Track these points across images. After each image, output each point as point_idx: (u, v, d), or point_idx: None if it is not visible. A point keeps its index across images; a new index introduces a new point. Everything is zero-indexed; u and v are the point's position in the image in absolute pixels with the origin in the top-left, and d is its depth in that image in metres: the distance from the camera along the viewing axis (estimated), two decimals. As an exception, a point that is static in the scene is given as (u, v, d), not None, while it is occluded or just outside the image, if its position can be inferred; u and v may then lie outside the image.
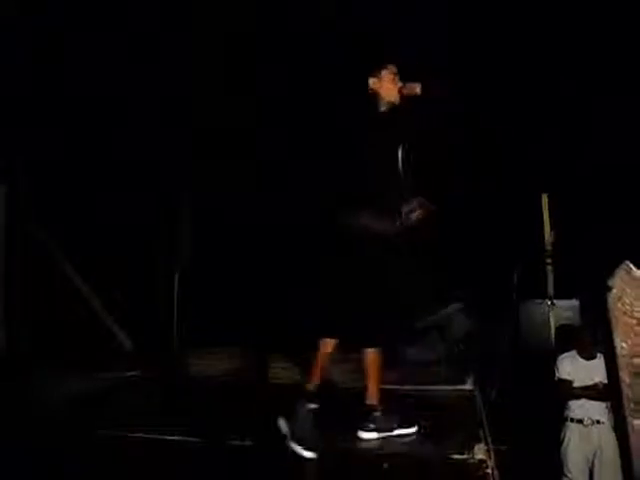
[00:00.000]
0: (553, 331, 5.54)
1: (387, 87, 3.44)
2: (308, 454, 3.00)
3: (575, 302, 5.64)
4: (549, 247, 5.52)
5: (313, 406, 3.12)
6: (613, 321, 1.28)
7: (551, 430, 4.89)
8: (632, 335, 1.26)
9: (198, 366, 4.95)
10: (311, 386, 3.19)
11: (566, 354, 4.90)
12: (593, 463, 4.69)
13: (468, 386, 4.54)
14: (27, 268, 5.35)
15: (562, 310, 5.62)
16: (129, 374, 4.77)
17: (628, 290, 1.29)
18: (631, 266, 1.29)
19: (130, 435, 3.31)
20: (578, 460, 4.70)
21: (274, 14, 6.07)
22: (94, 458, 3.08)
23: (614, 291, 1.29)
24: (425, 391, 4.52)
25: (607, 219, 5.85)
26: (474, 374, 4.68)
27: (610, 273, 1.53)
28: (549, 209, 5.60)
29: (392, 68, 3.50)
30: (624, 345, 1.27)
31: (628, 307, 1.29)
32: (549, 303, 5.53)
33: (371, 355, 3.36)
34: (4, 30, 5.37)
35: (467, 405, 4.18)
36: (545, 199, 5.61)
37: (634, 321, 1.29)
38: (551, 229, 5.57)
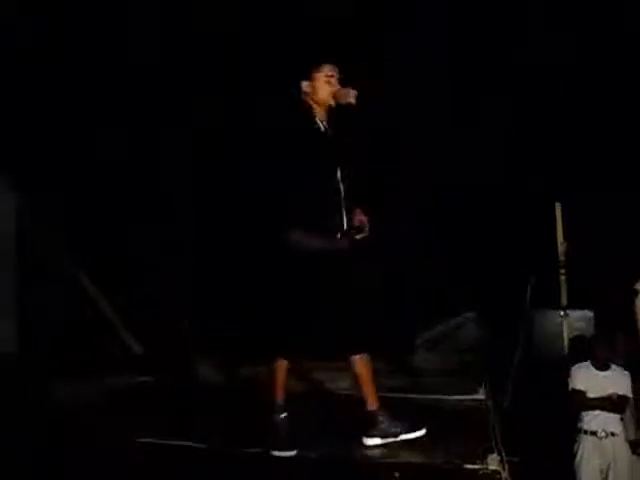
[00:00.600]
0: (566, 342, 5.50)
1: (320, 90, 3.18)
2: (289, 453, 3.08)
3: (588, 313, 5.59)
4: (562, 257, 5.48)
5: (284, 415, 3.19)
6: None
7: (564, 441, 4.84)
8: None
9: (210, 371, 4.93)
10: (279, 401, 3.21)
11: (580, 365, 4.86)
12: (607, 475, 4.64)
13: (480, 395, 4.50)
14: (38, 273, 5.38)
15: (575, 320, 5.58)
16: (141, 379, 4.76)
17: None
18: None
19: (141, 441, 3.31)
20: (592, 472, 4.64)
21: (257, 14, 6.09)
22: (104, 464, 3.07)
23: None
24: (437, 400, 4.48)
25: (621, 227, 5.82)
26: (486, 384, 4.64)
27: (634, 279, 1.49)
28: (562, 218, 5.57)
29: (328, 69, 3.21)
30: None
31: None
32: (562, 313, 5.48)
33: (358, 362, 3.22)
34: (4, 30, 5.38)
35: (480, 415, 4.13)
36: (558, 208, 5.58)
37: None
38: (564, 239, 5.53)
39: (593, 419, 4.69)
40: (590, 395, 4.71)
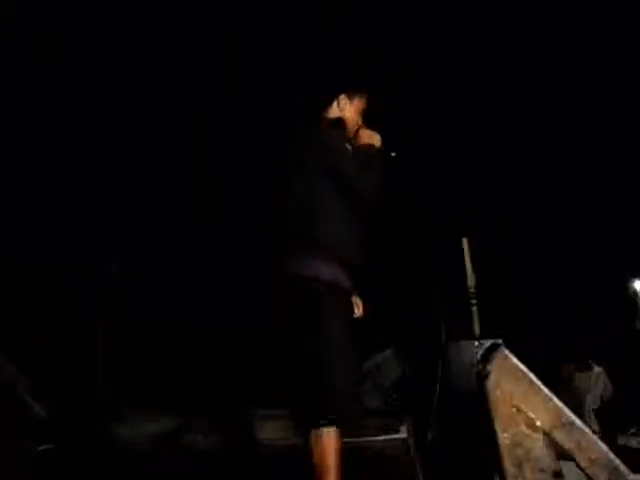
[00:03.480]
0: (482, 370, 5.68)
1: (351, 117, 2.79)
2: None
3: (499, 341, 5.80)
4: (472, 289, 5.72)
5: None
6: (493, 409, 1.35)
7: (488, 465, 4.98)
8: (512, 424, 1.32)
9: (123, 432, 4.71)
10: None
11: (495, 392, 5.05)
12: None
13: (402, 434, 4.58)
14: None
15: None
16: (42, 447, 4.44)
17: (506, 378, 1.37)
18: (507, 352, 1.36)
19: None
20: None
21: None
22: None
23: (492, 378, 1.36)
24: (363, 442, 4.51)
25: (526, 256, 6.12)
26: (408, 421, 4.73)
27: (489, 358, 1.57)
28: (470, 251, 5.81)
29: (365, 100, 2.84)
30: (505, 435, 1.33)
31: (507, 395, 1.37)
32: (476, 343, 5.68)
33: (323, 439, 2.59)
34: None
35: (402, 455, 4.22)
36: (465, 242, 5.83)
37: (513, 410, 1.36)
38: (473, 271, 5.77)
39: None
40: (507, 420, 4.89)
